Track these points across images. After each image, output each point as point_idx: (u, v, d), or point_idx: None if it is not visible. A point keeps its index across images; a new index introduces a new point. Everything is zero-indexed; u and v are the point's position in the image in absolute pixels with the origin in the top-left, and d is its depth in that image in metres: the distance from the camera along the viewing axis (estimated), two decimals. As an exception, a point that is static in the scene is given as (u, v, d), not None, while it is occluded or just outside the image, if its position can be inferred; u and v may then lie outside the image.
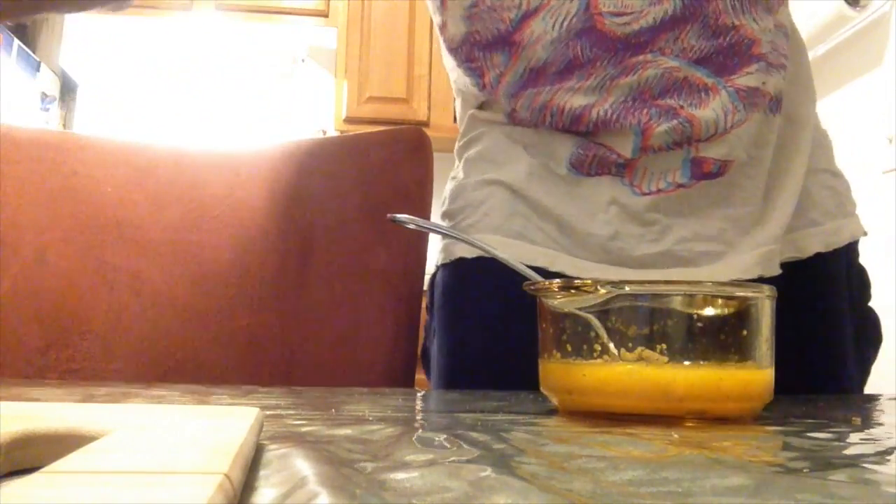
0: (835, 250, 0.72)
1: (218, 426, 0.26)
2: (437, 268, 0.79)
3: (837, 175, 0.75)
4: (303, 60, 3.16)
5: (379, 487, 0.23)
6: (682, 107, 0.65)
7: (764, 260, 0.67)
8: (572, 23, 0.65)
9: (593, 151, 0.68)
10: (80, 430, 0.25)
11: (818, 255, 0.71)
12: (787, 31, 0.70)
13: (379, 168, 0.84)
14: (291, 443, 0.30)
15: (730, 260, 0.67)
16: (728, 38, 0.66)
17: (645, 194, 0.67)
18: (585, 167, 0.69)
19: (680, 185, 0.67)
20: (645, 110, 0.66)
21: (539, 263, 0.69)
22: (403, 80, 2.92)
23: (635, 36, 0.65)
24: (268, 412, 0.41)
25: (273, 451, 0.28)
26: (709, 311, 0.43)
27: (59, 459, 0.20)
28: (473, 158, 0.76)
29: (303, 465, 0.26)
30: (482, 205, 0.73)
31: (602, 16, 0.65)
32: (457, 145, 0.80)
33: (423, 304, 0.83)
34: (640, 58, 0.65)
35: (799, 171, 0.70)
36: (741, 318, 0.43)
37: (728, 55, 0.66)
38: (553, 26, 0.66)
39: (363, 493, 0.22)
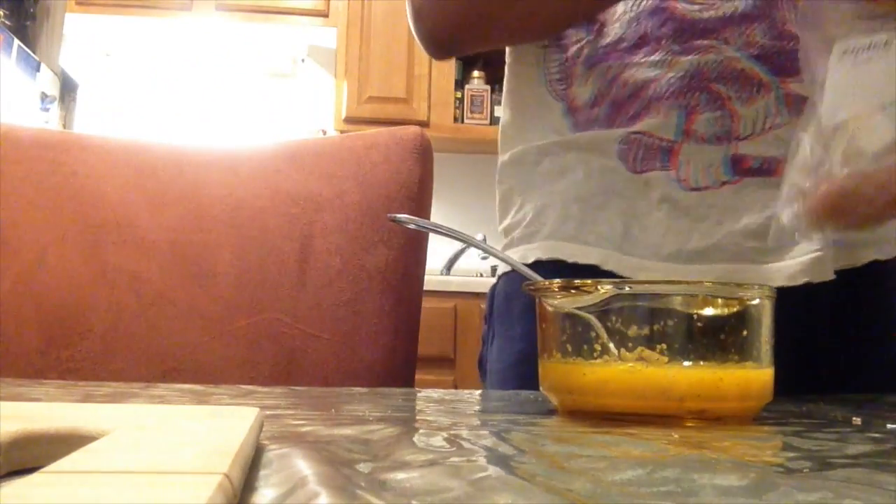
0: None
1: (218, 426, 0.26)
2: (498, 278, 0.81)
3: None
4: (303, 60, 3.16)
5: (379, 487, 0.23)
6: (730, 98, 0.68)
7: (812, 266, 0.66)
8: (648, 3, 0.70)
9: (636, 143, 0.70)
10: (80, 430, 0.25)
11: (876, 260, 0.70)
12: None
13: (379, 168, 0.84)
14: (291, 443, 0.30)
15: (777, 263, 0.67)
16: (791, 44, 0.68)
17: (693, 189, 0.69)
18: (631, 161, 0.71)
19: (724, 182, 0.68)
20: (696, 94, 0.68)
21: (591, 261, 0.70)
22: (403, 80, 2.91)
23: (704, 22, 0.68)
24: (268, 412, 0.41)
25: (273, 451, 0.28)
26: (709, 311, 0.43)
27: (59, 459, 0.20)
28: (536, 176, 0.77)
29: (303, 465, 0.26)
30: (540, 215, 0.75)
31: (677, 0, 0.69)
32: (501, 159, 0.81)
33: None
34: (705, 42, 0.68)
35: None
36: (741, 318, 0.43)
37: (789, 58, 0.68)
38: (631, 6, 0.71)
39: (363, 493, 0.22)
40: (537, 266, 0.74)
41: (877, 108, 0.53)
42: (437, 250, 2.74)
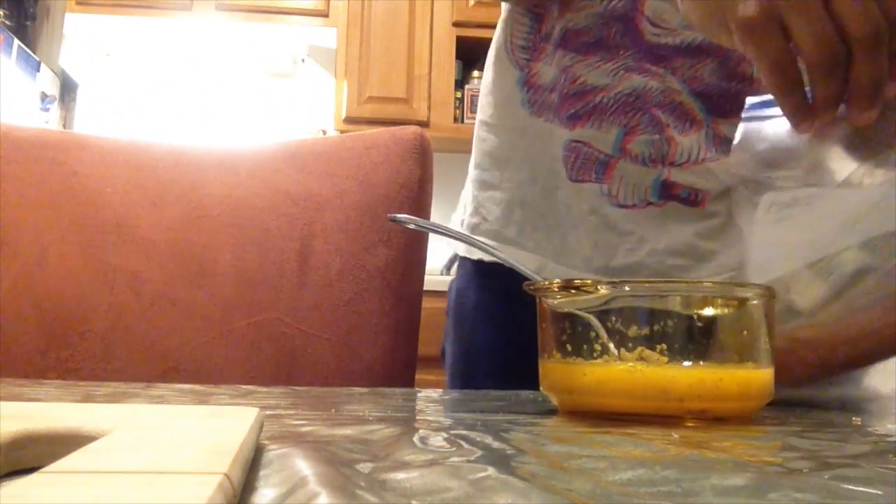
0: None
1: (218, 426, 0.26)
2: (455, 270, 0.84)
3: None
4: (303, 60, 3.16)
5: (379, 487, 0.23)
6: (668, 125, 0.69)
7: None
8: (617, 6, 0.69)
9: (576, 151, 0.72)
10: (80, 430, 0.25)
11: None
12: None
13: (379, 168, 0.84)
14: (291, 443, 0.30)
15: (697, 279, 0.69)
16: (739, 86, 0.68)
17: (621, 206, 0.71)
18: (569, 168, 0.72)
19: (650, 203, 0.70)
20: (638, 115, 0.69)
21: (529, 267, 0.71)
22: (403, 80, 2.91)
23: (658, 48, 0.69)
24: (268, 412, 0.41)
25: (273, 451, 0.28)
26: (709, 311, 0.43)
27: (59, 459, 0.20)
28: (484, 156, 0.79)
29: (303, 465, 0.26)
30: (481, 208, 0.78)
31: (643, 15, 0.69)
32: (476, 127, 0.82)
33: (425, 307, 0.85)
34: (654, 68, 0.69)
35: None
36: (741, 318, 0.43)
37: (729, 99, 0.68)
38: (601, 1, 0.70)
39: (363, 493, 0.22)
40: (479, 265, 0.79)
41: (804, 265, 0.53)
42: (437, 250, 2.74)
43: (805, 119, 0.51)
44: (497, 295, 0.76)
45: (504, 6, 0.79)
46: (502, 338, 0.75)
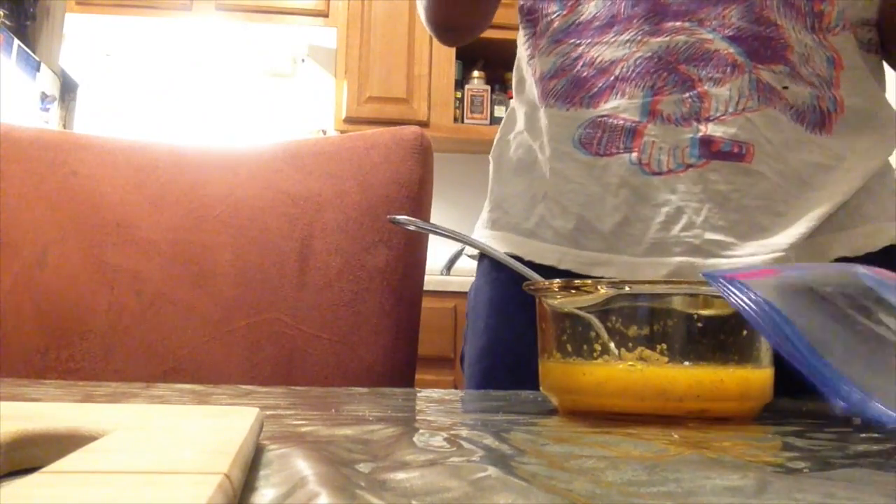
0: (869, 255, 0.67)
1: (218, 426, 0.26)
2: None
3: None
4: (303, 60, 3.16)
5: (379, 487, 0.23)
6: (700, 80, 0.67)
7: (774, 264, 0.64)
8: None
9: (602, 126, 0.69)
10: (80, 430, 0.25)
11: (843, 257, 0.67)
12: (836, 59, 0.69)
13: (379, 168, 0.84)
14: (291, 443, 0.30)
15: (737, 261, 0.65)
16: (768, 30, 0.67)
17: (655, 174, 0.67)
18: (594, 146, 0.70)
19: (690, 166, 0.66)
20: (663, 74, 0.67)
21: (547, 262, 0.72)
22: (403, 80, 2.91)
23: (679, 4, 0.67)
24: (268, 412, 0.41)
25: (273, 451, 0.28)
26: (709, 311, 0.43)
27: (59, 459, 0.20)
28: (505, 160, 0.80)
29: (303, 465, 0.26)
30: (504, 202, 0.78)
31: None
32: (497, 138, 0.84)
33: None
34: (677, 24, 0.67)
35: (841, 189, 0.67)
36: (741, 318, 0.43)
37: (763, 44, 0.67)
38: None
39: (363, 493, 0.22)
40: (494, 259, 0.76)
41: None
42: (437, 250, 2.74)
43: None
44: (511, 289, 0.74)
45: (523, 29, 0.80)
46: (517, 330, 0.73)
